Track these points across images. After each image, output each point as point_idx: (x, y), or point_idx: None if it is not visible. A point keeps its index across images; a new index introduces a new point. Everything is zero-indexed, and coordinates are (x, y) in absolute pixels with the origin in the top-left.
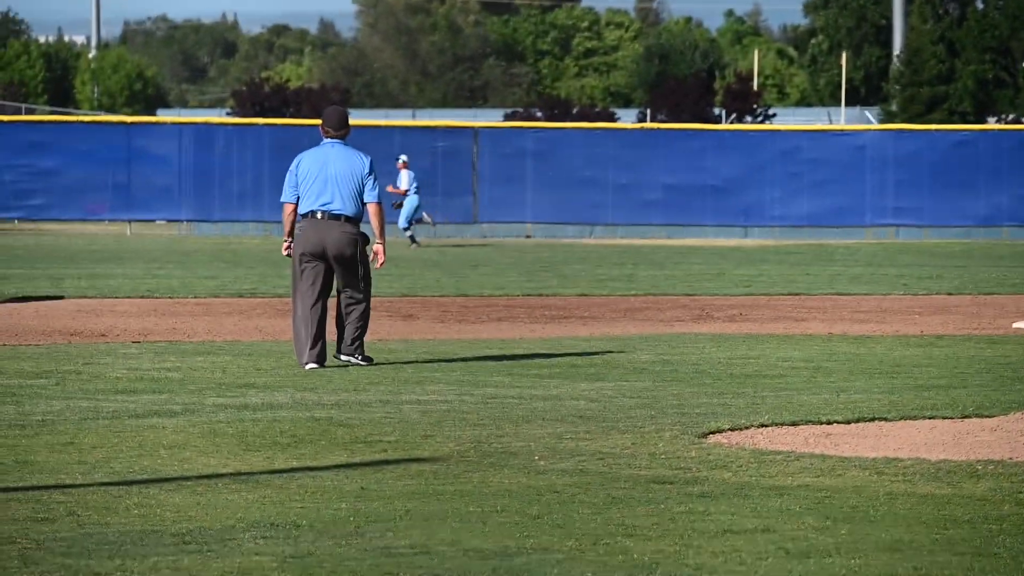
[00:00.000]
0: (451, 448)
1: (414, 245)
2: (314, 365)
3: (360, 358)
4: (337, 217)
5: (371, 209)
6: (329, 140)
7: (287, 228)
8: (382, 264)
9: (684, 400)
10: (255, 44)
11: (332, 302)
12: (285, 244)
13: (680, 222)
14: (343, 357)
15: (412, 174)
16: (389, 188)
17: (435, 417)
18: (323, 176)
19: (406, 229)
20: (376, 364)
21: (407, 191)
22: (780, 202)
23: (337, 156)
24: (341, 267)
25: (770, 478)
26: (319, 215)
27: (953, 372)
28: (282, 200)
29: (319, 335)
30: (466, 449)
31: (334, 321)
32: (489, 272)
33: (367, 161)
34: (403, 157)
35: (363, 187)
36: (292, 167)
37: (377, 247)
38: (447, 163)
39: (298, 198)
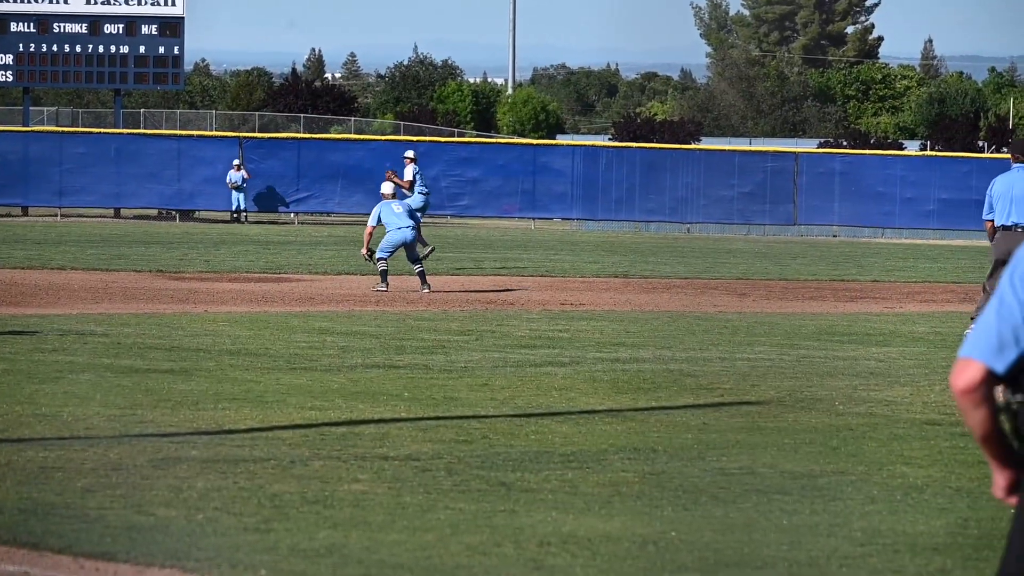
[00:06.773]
0: (772, 394)
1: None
2: None
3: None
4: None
5: None
6: (1017, 165)
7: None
8: None
9: (951, 362)
10: (631, 87)
11: None
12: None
13: (951, 227)
14: None
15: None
16: None
17: (761, 371)
18: (1009, 196)
19: None
20: (716, 331)
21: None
22: None
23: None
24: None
25: None
26: (1016, 229)
27: None
28: (983, 217)
29: None
30: (783, 395)
31: None
32: (805, 262)
33: None
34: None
35: None
36: (988, 189)
37: None
38: (774, 179)
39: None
